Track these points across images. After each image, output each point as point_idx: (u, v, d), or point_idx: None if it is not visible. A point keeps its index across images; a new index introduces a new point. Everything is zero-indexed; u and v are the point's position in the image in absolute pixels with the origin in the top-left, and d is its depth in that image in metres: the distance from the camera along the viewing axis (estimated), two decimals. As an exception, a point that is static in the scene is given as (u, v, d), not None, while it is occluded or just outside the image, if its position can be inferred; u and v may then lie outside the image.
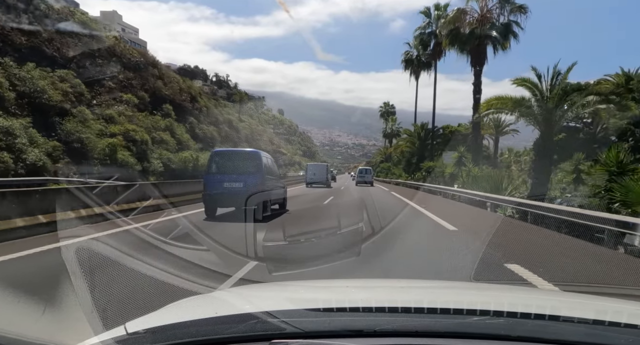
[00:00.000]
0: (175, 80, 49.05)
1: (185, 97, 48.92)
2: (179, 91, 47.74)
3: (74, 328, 2.14)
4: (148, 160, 32.31)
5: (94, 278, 3.44)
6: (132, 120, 34.62)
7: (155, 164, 32.79)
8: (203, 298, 2.18)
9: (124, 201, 11.67)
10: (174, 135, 39.59)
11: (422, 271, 6.30)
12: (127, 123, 33.30)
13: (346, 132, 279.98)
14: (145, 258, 4.80)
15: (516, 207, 14.69)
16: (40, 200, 9.10)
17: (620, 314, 1.53)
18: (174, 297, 2.36)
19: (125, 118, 34.10)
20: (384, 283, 2.84)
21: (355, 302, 1.62)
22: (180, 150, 37.74)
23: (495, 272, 6.09)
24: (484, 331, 1.35)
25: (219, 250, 6.39)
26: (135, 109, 37.04)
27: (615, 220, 8.78)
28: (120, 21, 64.35)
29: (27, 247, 6.93)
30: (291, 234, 8.80)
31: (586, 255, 8.06)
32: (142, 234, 7.48)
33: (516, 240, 9.68)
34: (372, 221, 9.76)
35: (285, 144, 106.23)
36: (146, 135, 33.61)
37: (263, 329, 1.34)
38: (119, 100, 35.81)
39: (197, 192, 14.24)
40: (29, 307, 3.61)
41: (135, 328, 1.39)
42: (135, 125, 33.72)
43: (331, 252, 6.83)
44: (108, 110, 33.08)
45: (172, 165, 34.19)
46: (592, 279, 6.17)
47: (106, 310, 2.95)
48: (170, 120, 40.46)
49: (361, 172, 42.84)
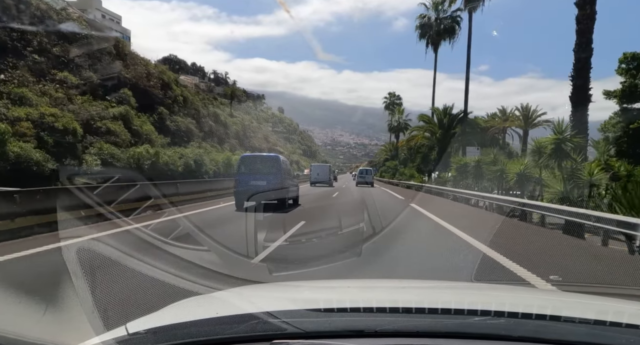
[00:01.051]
0: (142, 63, 40.97)
1: (155, 83, 40.79)
2: (146, 76, 39.75)
3: (75, 328, 2.14)
4: (76, 157, 24.30)
5: (95, 278, 3.45)
6: (62, 104, 26.83)
7: (90, 161, 24.66)
8: (204, 298, 2.18)
9: (125, 201, 11.67)
10: (130, 126, 31.47)
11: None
12: (47, 106, 24.94)
13: (348, 131, 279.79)
14: (146, 258, 4.81)
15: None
16: (42, 200, 9.11)
17: (622, 314, 1.53)
18: (174, 297, 2.37)
19: (51, 100, 26.27)
20: (385, 283, 2.84)
21: (356, 303, 1.62)
22: (137, 145, 29.91)
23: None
24: (485, 331, 1.35)
25: (219, 250, 6.39)
26: (76, 91, 29.40)
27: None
28: (100, 7, 55.54)
29: (28, 247, 6.94)
30: (296, 233, 8.83)
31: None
32: (143, 234, 7.48)
33: None
34: (372, 221, 9.77)
35: (285, 142, 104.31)
36: (75, 124, 25.08)
37: (264, 329, 1.34)
38: (52, 80, 28.13)
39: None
40: (30, 308, 3.61)
41: (136, 328, 1.39)
42: (58, 110, 25.33)
43: (332, 253, 6.84)
44: (20, 88, 24.53)
45: (117, 163, 25.99)
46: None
47: (107, 310, 2.96)
48: (126, 108, 32.27)
49: (361, 172, 42.95)
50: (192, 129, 44.26)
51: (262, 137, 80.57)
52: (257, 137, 76.30)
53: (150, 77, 40.33)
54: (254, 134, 75.03)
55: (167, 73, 46.80)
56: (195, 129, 45.51)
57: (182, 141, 39.41)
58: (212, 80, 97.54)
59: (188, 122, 44.27)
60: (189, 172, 31.93)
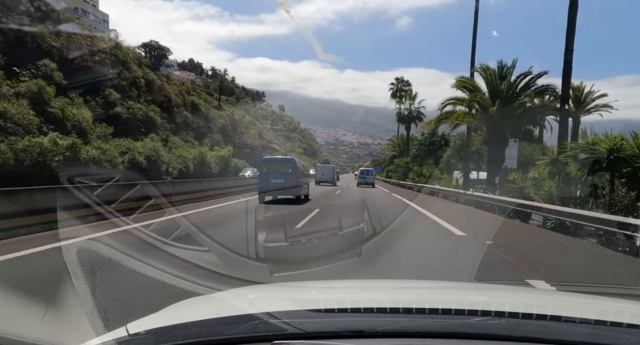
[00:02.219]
0: (84, 36, 32.61)
1: (103, 59, 32.76)
2: (90, 50, 31.51)
3: (75, 329, 2.15)
4: None
5: (95, 279, 3.45)
6: None
7: None
8: (204, 299, 2.18)
9: (125, 201, 11.65)
10: (44, 108, 24.21)
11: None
12: None
13: (351, 131, 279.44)
14: (146, 259, 4.81)
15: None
16: (42, 199, 9.11)
17: (622, 314, 1.53)
18: (175, 298, 2.37)
19: None
20: (386, 284, 2.84)
21: (356, 303, 1.62)
22: (66, 135, 22.70)
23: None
24: (485, 332, 1.35)
25: (220, 251, 6.39)
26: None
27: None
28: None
29: (28, 247, 6.94)
30: (293, 234, 8.83)
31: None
32: (143, 234, 7.48)
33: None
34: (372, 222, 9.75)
35: (284, 140, 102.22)
36: None
37: (264, 330, 1.34)
38: None
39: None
40: (30, 308, 3.61)
41: (137, 329, 1.39)
42: None
43: (332, 253, 6.84)
44: None
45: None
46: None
47: (107, 311, 2.96)
48: (39, 83, 24.62)
49: (362, 173, 43.01)
50: (154, 119, 36.10)
51: (256, 133, 75.96)
52: (250, 133, 71.32)
53: (97, 54, 31.88)
54: (245, 130, 69.84)
55: (123, 49, 37.62)
56: (161, 119, 37.75)
57: (137, 132, 32.39)
58: (210, 76, 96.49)
59: (150, 110, 36.02)
60: (143, 171, 25.03)
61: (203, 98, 59.15)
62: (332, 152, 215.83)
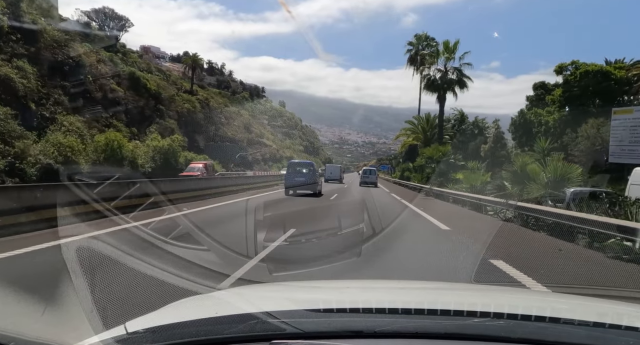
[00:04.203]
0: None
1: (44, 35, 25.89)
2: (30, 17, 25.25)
3: (74, 327, 2.14)
4: None
5: (94, 277, 3.45)
6: None
7: None
8: (203, 298, 2.18)
9: (125, 198, 11.64)
10: None
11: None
12: None
13: (356, 130, 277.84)
14: (145, 257, 4.81)
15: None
16: (42, 197, 9.11)
17: (621, 316, 1.53)
18: (174, 296, 2.37)
19: None
20: (385, 284, 2.84)
21: (355, 303, 1.62)
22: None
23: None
24: (484, 333, 1.35)
25: (219, 250, 6.39)
26: None
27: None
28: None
29: (28, 244, 6.93)
30: (293, 234, 8.83)
31: None
32: (143, 232, 7.48)
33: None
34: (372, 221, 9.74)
35: (283, 137, 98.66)
36: None
37: (263, 329, 1.34)
38: None
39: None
40: (29, 306, 3.61)
41: (136, 327, 1.39)
42: None
43: (332, 253, 6.85)
44: None
45: None
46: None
47: (106, 309, 2.96)
48: None
49: (365, 172, 43.22)
50: (13, 81, 24.55)
51: (242, 125, 68.97)
52: (233, 124, 63.66)
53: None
54: (227, 121, 62.38)
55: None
56: (40, 83, 27.12)
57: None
58: (206, 70, 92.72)
59: (13, 67, 25.44)
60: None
61: (180, 84, 52.00)
62: (337, 151, 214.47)
